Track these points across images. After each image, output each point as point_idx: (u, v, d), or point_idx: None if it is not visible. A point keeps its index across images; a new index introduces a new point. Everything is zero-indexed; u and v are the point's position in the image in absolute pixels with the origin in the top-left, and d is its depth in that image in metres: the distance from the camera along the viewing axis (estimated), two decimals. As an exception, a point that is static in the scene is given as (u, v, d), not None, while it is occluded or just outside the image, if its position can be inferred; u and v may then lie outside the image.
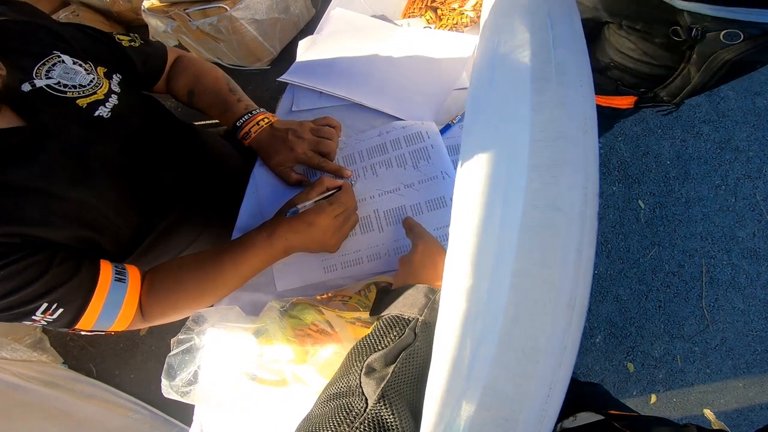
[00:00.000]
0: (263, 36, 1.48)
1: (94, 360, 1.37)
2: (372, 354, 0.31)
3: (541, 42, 0.24)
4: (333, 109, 0.62)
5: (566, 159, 0.20)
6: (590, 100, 0.22)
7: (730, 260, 1.24)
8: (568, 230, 0.19)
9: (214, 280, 0.48)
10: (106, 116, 0.47)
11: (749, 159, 1.32)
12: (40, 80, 0.44)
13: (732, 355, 1.17)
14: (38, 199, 0.41)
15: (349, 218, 0.51)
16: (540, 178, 0.20)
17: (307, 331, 0.48)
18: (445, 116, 0.59)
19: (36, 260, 0.39)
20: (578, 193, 0.19)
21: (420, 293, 0.35)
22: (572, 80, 0.22)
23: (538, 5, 0.27)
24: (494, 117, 0.25)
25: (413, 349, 0.31)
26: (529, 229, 0.20)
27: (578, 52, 0.24)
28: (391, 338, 0.32)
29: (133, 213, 0.52)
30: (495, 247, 0.20)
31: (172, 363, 0.42)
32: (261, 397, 0.48)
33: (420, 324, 0.33)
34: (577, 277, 0.19)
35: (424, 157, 0.55)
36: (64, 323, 0.42)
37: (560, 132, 0.20)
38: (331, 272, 0.53)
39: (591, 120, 0.21)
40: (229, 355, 0.48)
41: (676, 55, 0.57)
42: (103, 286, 0.43)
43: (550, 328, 0.19)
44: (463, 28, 0.65)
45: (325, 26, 0.70)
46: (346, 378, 0.30)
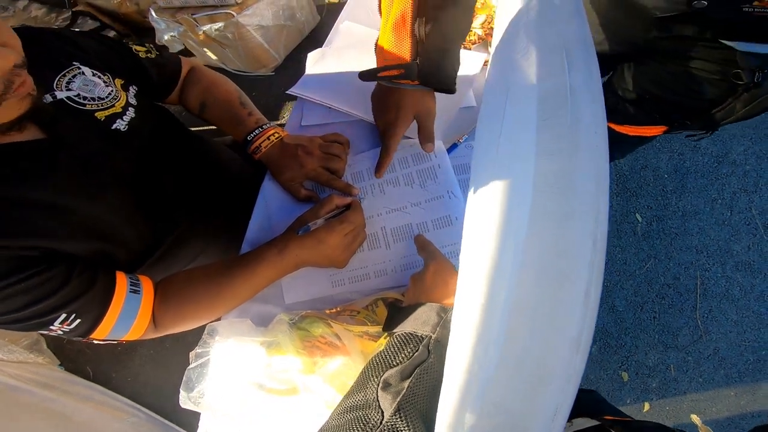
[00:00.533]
0: (268, 42, 1.49)
1: (90, 362, 1.36)
2: (388, 369, 0.32)
3: (557, 87, 0.25)
4: (342, 125, 0.64)
5: (576, 210, 0.21)
6: (604, 150, 0.23)
7: (724, 273, 1.27)
8: (577, 276, 0.21)
9: (224, 293, 0.49)
10: (123, 129, 0.48)
11: (746, 173, 1.35)
12: (61, 92, 0.45)
13: (724, 364, 1.20)
14: (55, 212, 0.42)
15: (358, 236, 0.52)
16: (550, 226, 0.22)
17: (315, 343, 0.49)
18: (451, 135, 0.60)
19: (54, 273, 0.40)
20: (588, 241, 0.21)
21: (432, 312, 0.37)
22: (587, 128, 0.23)
23: (556, 46, 0.27)
24: (504, 160, 0.26)
25: (427, 365, 0.33)
26: (540, 274, 0.21)
27: (594, 100, 0.24)
28: (406, 354, 0.34)
29: (145, 225, 0.53)
30: (506, 287, 0.22)
31: (191, 376, 0.43)
32: (269, 406, 0.49)
33: (433, 341, 0.34)
34: (585, 316, 0.20)
35: (431, 176, 0.56)
36: (80, 333, 0.43)
37: (571, 182, 0.22)
38: (339, 287, 0.54)
39: (604, 171, 0.22)
40: (238, 366, 0.49)
41: (723, 91, 0.57)
42: (119, 297, 0.44)
43: (557, 363, 0.21)
44: (470, 45, 0.66)
45: (334, 39, 0.71)
46: (363, 392, 0.32)
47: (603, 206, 0.21)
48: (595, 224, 0.21)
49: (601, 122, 0.24)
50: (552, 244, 0.22)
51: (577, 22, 0.28)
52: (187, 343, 1.30)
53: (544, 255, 0.22)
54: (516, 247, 0.23)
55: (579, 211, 0.21)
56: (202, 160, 0.65)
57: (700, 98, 0.59)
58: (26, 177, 0.41)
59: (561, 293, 0.21)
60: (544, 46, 0.29)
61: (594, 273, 0.20)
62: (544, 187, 0.23)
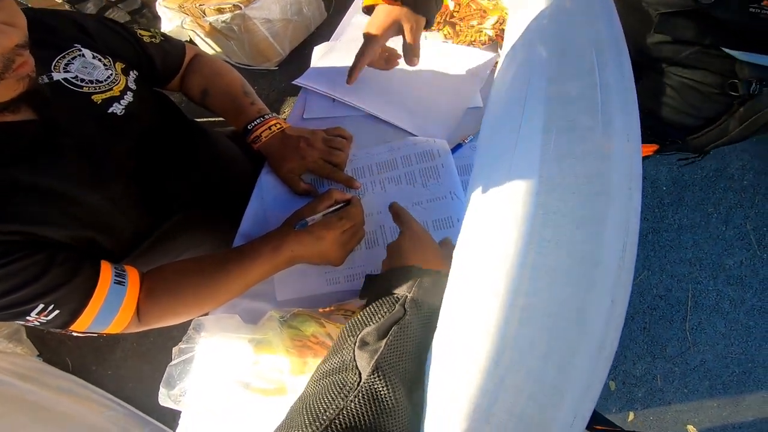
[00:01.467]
0: (274, 36, 1.48)
1: (71, 354, 1.32)
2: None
3: (587, 86, 0.24)
4: (345, 119, 0.62)
5: (608, 215, 0.20)
6: (637, 156, 0.22)
7: (716, 286, 1.28)
8: (603, 283, 0.19)
9: (215, 287, 0.47)
10: (120, 113, 0.47)
11: (743, 188, 1.37)
12: (58, 73, 0.44)
13: (710, 375, 1.21)
14: (42, 196, 0.40)
15: (357, 233, 0.51)
16: (580, 231, 0.20)
17: (306, 342, 0.48)
18: (457, 135, 0.59)
19: (36, 260, 0.38)
20: (617, 251, 0.19)
21: (408, 273, 0.36)
22: (619, 132, 0.22)
23: (586, 43, 0.26)
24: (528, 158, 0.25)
25: (404, 322, 0.31)
26: (567, 280, 0.20)
27: (627, 101, 0.23)
28: (382, 314, 0.32)
29: (137, 213, 0.51)
30: (529, 292, 0.21)
31: (172, 372, 0.41)
32: (254, 406, 0.47)
33: (409, 300, 0.33)
34: (609, 324, 0.19)
35: (434, 176, 0.55)
36: (58, 324, 0.41)
37: (604, 187, 0.21)
38: (334, 285, 0.52)
39: (637, 178, 0.21)
40: (224, 363, 0.47)
41: (721, 107, 0.55)
42: (101, 289, 0.42)
43: (579, 368, 0.19)
44: (480, 45, 0.65)
45: (344, 33, 0.70)
46: (339, 354, 0.31)
47: (635, 211, 0.20)
48: (625, 233, 0.20)
49: (635, 125, 0.23)
50: (580, 249, 0.20)
51: (607, 21, 0.26)
52: (172, 336, 1.27)
53: (570, 259, 0.20)
54: (541, 250, 0.22)
55: (611, 216, 0.20)
56: (201, 150, 0.63)
57: (696, 115, 0.58)
58: (14, 158, 0.39)
59: (585, 299, 0.20)
60: (572, 46, 0.28)
61: (621, 281, 0.19)
62: (571, 190, 0.21)
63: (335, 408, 0.26)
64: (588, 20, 0.28)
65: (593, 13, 0.28)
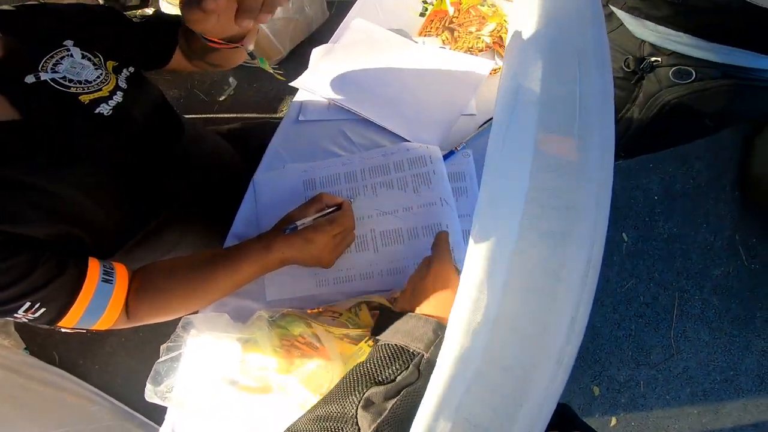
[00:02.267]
0: (274, 34, 1.48)
1: (57, 347, 1.31)
2: (372, 386, 0.31)
3: (567, 96, 0.24)
4: (341, 122, 0.63)
5: (574, 231, 0.20)
6: (609, 169, 0.22)
7: (701, 296, 1.30)
8: (566, 298, 0.20)
9: (205, 286, 0.48)
10: (107, 114, 0.47)
11: (734, 199, 1.38)
12: (46, 74, 0.43)
13: (692, 383, 1.24)
14: (25, 195, 0.40)
15: (346, 237, 0.51)
16: (546, 244, 0.21)
17: (294, 342, 0.48)
18: (449, 142, 0.60)
19: (21, 259, 0.38)
20: (581, 264, 0.20)
21: (429, 328, 0.34)
22: (593, 146, 0.22)
23: (569, 54, 0.26)
24: (507, 171, 0.26)
25: (414, 388, 0.31)
26: (529, 291, 0.21)
27: (605, 114, 0.23)
28: (394, 370, 0.32)
29: (123, 212, 0.51)
30: (496, 301, 0.22)
31: (159, 370, 0.42)
32: (240, 403, 0.48)
33: (424, 362, 0.32)
34: (569, 338, 0.20)
35: (425, 182, 0.56)
36: (46, 321, 0.41)
37: (572, 201, 0.21)
38: (323, 287, 0.53)
39: (606, 191, 0.21)
40: (211, 361, 0.47)
41: (624, 93, 0.53)
42: (89, 286, 0.42)
43: (538, 381, 0.20)
44: (478, 52, 0.66)
45: (343, 35, 0.70)
46: (341, 404, 0.30)
47: (601, 229, 0.21)
48: (590, 249, 0.20)
49: (610, 139, 0.23)
50: (544, 263, 0.21)
51: (593, 29, 0.26)
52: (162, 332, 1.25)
53: (534, 273, 0.21)
54: (505, 262, 0.22)
55: (577, 232, 0.21)
56: (193, 149, 0.62)
57: None
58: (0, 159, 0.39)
59: (548, 314, 0.20)
60: (556, 54, 0.28)
61: (583, 298, 0.20)
62: (540, 203, 0.22)
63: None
64: (579, 26, 0.28)
65: (584, 17, 0.28)
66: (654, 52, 0.49)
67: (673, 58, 0.47)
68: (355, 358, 0.46)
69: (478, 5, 0.67)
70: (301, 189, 0.59)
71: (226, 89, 1.48)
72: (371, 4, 0.72)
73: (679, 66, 0.47)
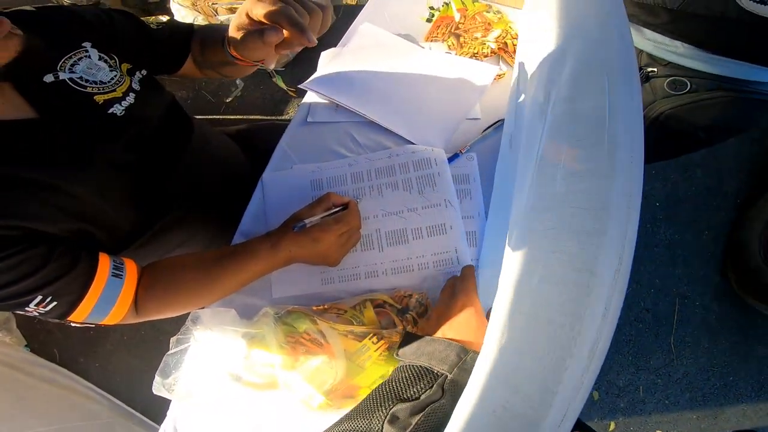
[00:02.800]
0: None
1: (59, 345, 1.31)
2: (398, 402, 0.32)
3: (596, 107, 0.25)
4: (348, 125, 0.64)
5: (608, 229, 0.22)
6: (638, 175, 0.23)
7: (702, 302, 1.30)
8: (598, 292, 0.21)
9: (213, 282, 0.49)
10: (120, 114, 0.48)
11: (736, 207, 1.38)
12: (64, 73, 0.45)
13: (691, 388, 1.24)
14: (40, 192, 0.41)
15: (353, 237, 0.52)
16: (580, 243, 0.22)
17: (299, 339, 0.49)
18: (454, 145, 0.61)
19: (34, 254, 0.39)
20: (613, 262, 0.21)
21: (453, 351, 0.36)
22: (623, 153, 0.23)
23: (598, 65, 0.27)
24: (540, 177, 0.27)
25: (439, 405, 0.32)
26: (566, 288, 0.22)
27: (634, 122, 0.24)
28: (419, 389, 0.33)
29: (135, 210, 0.52)
30: (531, 297, 0.23)
31: (168, 362, 0.42)
32: (243, 399, 0.48)
33: (449, 382, 0.34)
34: (601, 330, 0.21)
35: (430, 183, 0.57)
36: (56, 315, 0.42)
37: (604, 202, 0.22)
38: (328, 285, 0.54)
39: (636, 196, 0.23)
40: (216, 356, 0.48)
41: None
42: (99, 281, 0.43)
43: (571, 371, 0.21)
44: (483, 57, 0.67)
45: (352, 39, 0.72)
46: (368, 419, 0.32)
47: (632, 227, 0.22)
48: (622, 245, 0.21)
49: (639, 145, 0.24)
50: (578, 259, 0.22)
51: (620, 45, 0.27)
52: (163, 330, 1.27)
53: (568, 268, 0.22)
54: (541, 259, 0.23)
55: (609, 231, 0.22)
56: (202, 150, 0.63)
57: None
58: (14, 155, 0.40)
59: (581, 306, 0.21)
60: (585, 67, 0.29)
61: (616, 292, 0.21)
62: (573, 205, 0.23)
63: None
64: (603, 39, 0.29)
65: (610, 31, 0.29)
66: (650, 63, 0.49)
67: (669, 69, 0.48)
68: (359, 354, 0.47)
69: (483, 12, 0.69)
70: (309, 189, 0.60)
71: (233, 91, 1.50)
72: (379, 9, 0.74)
73: (675, 77, 0.48)
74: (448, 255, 0.53)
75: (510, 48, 0.66)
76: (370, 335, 0.48)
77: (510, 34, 0.66)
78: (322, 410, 0.46)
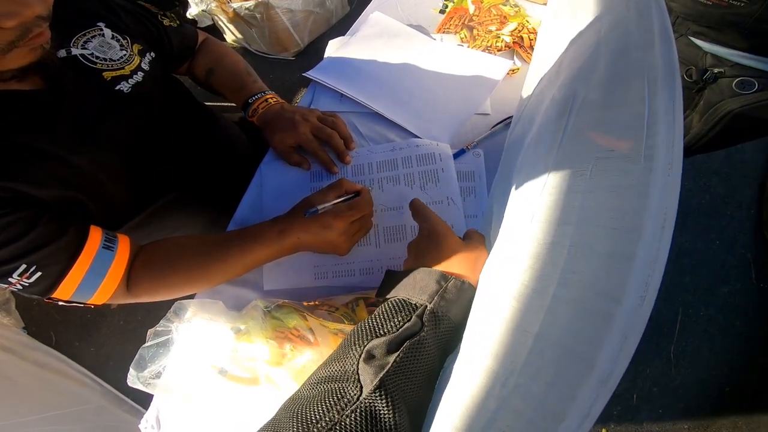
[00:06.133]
0: (294, 27, 1.50)
1: (56, 328, 1.31)
2: (374, 339, 0.28)
3: (633, 115, 0.23)
4: (352, 115, 0.62)
5: (637, 253, 0.19)
6: (675, 189, 0.21)
7: (707, 312, 1.27)
8: (620, 319, 0.19)
9: (216, 265, 0.47)
10: (126, 91, 0.48)
11: (749, 217, 1.35)
12: (76, 49, 0.45)
13: (686, 397, 1.21)
14: (37, 160, 0.40)
15: (365, 225, 0.50)
16: (606, 266, 0.20)
17: (287, 334, 0.47)
18: (460, 140, 0.59)
19: (21, 217, 0.38)
20: (640, 289, 0.19)
21: (431, 278, 0.32)
22: (661, 165, 0.21)
23: (637, 68, 0.25)
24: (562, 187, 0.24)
25: (419, 339, 0.28)
26: (584, 314, 0.20)
27: (675, 131, 0.22)
28: (395, 323, 0.29)
29: (132, 188, 0.51)
30: (544, 321, 0.20)
31: (144, 354, 0.40)
32: (226, 393, 0.46)
33: (428, 312, 0.30)
34: (618, 360, 0.19)
35: (433, 179, 0.54)
36: (42, 289, 0.40)
37: (637, 224, 0.20)
38: (321, 279, 0.52)
39: (671, 212, 0.20)
40: (202, 348, 0.46)
41: (685, 100, 0.56)
42: (89, 251, 0.42)
43: (580, 399, 0.19)
44: (496, 51, 0.64)
45: (361, 28, 0.70)
46: (341, 361, 0.28)
47: (663, 252, 0.19)
48: (650, 273, 0.19)
49: (678, 159, 0.22)
50: (599, 283, 0.20)
51: (663, 47, 0.25)
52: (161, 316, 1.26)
53: (588, 292, 0.20)
54: (563, 282, 0.21)
55: (638, 255, 0.20)
56: (206, 136, 0.64)
57: None
58: (18, 123, 0.39)
59: (599, 334, 0.19)
60: (623, 70, 0.26)
61: (637, 321, 0.19)
62: (598, 223, 0.21)
63: (328, 420, 0.24)
64: (645, 43, 0.26)
65: (650, 35, 0.26)
66: (716, 63, 0.50)
67: (736, 69, 0.49)
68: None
69: (499, 5, 0.66)
70: (308, 180, 0.58)
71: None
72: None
73: (743, 77, 0.49)
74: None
75: (526, 43, 0.63)
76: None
77: (526, 28, 0.63)
78: (306, 409, 0.44)
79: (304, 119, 0.56)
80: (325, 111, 0.60)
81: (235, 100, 0.61)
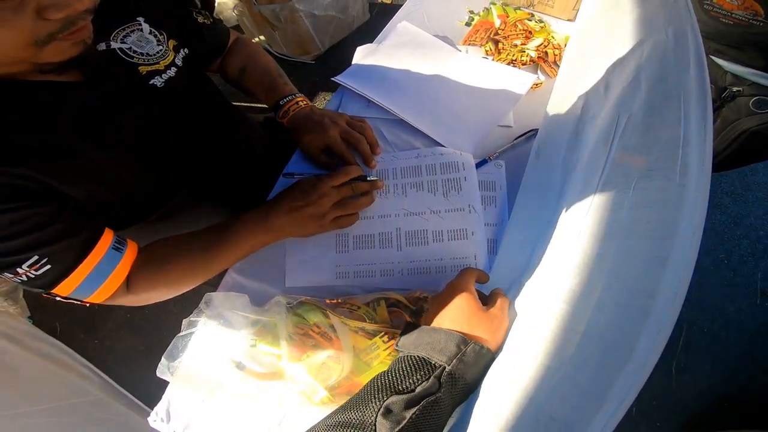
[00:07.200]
0: (316, 31, 1.53)
1: (62, 318, 1.32)
2: (393, 394, 0.31)
3: (671, 136, 0.25)
4: (378, 121, 0.63)
5: (671, 257, 0.22)
6: (703, 200, 0.23)
7: (711, 329, 1.27)
8: (655, 315, 0.22)
9: (202, 259, 0.49)
10: (160, 86, 0.49)
11: (759, 238, 1.35)
12: (115, 43, 0.46)
13: (686, 412, 1.19)
14: (64, 150, 0.41)
15: (350, 205, 0.52)
16: (644, 268, 0.23)
17: (308, 331, 0.47)
18: (483, 151, 0.60)
19: (43, 210, 0.39)
20: (673, 288, 0.22)
21: (452, 341, 0.34)
22: (693, 181, 0.23)
23: (675, 91, 0.27)
24: (607, 203, 0.27)
25: (435, 399, 0.31)
26: (626, 307, 0.22)
27: (705, 149, 0.24)
28: (414, 380, 0.32)
29: (154, 183, 0.53)
30: (587, 317, 0.23)
31: (177, 344, 0.41)
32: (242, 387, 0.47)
33: (446, 374, 0.32)
34: (651, 350, 0.22)
35: (456, 187, 0.55)
36: (46, 283, 0.40)
37: (671, 232, 0.23)
38: (343, 278, 0.52)
39: (700, 220, 0.23)
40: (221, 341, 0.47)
41: None
42: (99, 250, 0.43)
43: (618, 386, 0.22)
44: (521, 65, 0.66)
45: (388, 36, 0.72)
46: (361, 411, 0.30)
47: (693, 254, 0.22)
48: (683, 275, 0.22)
49: (706, 176, 0.24)
50: (638, 283, 0.23)
51: (697, 71, 0.27)
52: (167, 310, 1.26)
53: (627, 291, 0.23)
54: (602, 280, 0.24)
55: (672, 257, 0.22)
56: (231, 133, 0.65)
57: None
58: (48, 113, 0.40)
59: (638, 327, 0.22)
60: (663, 93, 0.29)
61: (671, 312, 0.22)
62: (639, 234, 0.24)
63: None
64: (682, 67, 0.28)
65: (687, 60, 0.29)
66: (735, 82, 0.51)
67: (754, 88, 0.51)
68: (368, 352, 0.45)
69: (525, 19, 0.68)
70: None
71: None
72: (418, 9, 0.74)
73: (760, 96, 0.50)
74: (467, 261, 0.52)
75: (550, 58, 0.65)
76: (380, 334, 0.46)
77: (552, 43, 0.65)
78: (323, 405, 0.44)
79: (333, 122, 0.58)
80: (353, 116, 0.61)
81: (266, 100, 0.63)
